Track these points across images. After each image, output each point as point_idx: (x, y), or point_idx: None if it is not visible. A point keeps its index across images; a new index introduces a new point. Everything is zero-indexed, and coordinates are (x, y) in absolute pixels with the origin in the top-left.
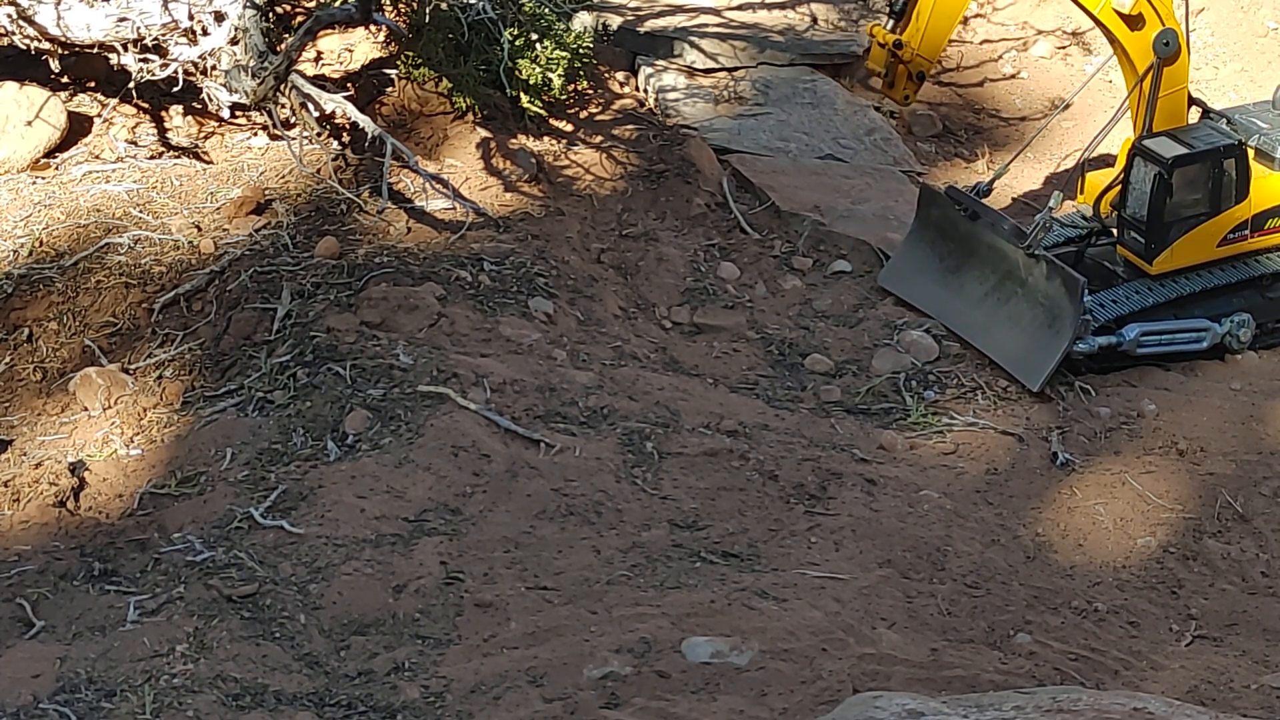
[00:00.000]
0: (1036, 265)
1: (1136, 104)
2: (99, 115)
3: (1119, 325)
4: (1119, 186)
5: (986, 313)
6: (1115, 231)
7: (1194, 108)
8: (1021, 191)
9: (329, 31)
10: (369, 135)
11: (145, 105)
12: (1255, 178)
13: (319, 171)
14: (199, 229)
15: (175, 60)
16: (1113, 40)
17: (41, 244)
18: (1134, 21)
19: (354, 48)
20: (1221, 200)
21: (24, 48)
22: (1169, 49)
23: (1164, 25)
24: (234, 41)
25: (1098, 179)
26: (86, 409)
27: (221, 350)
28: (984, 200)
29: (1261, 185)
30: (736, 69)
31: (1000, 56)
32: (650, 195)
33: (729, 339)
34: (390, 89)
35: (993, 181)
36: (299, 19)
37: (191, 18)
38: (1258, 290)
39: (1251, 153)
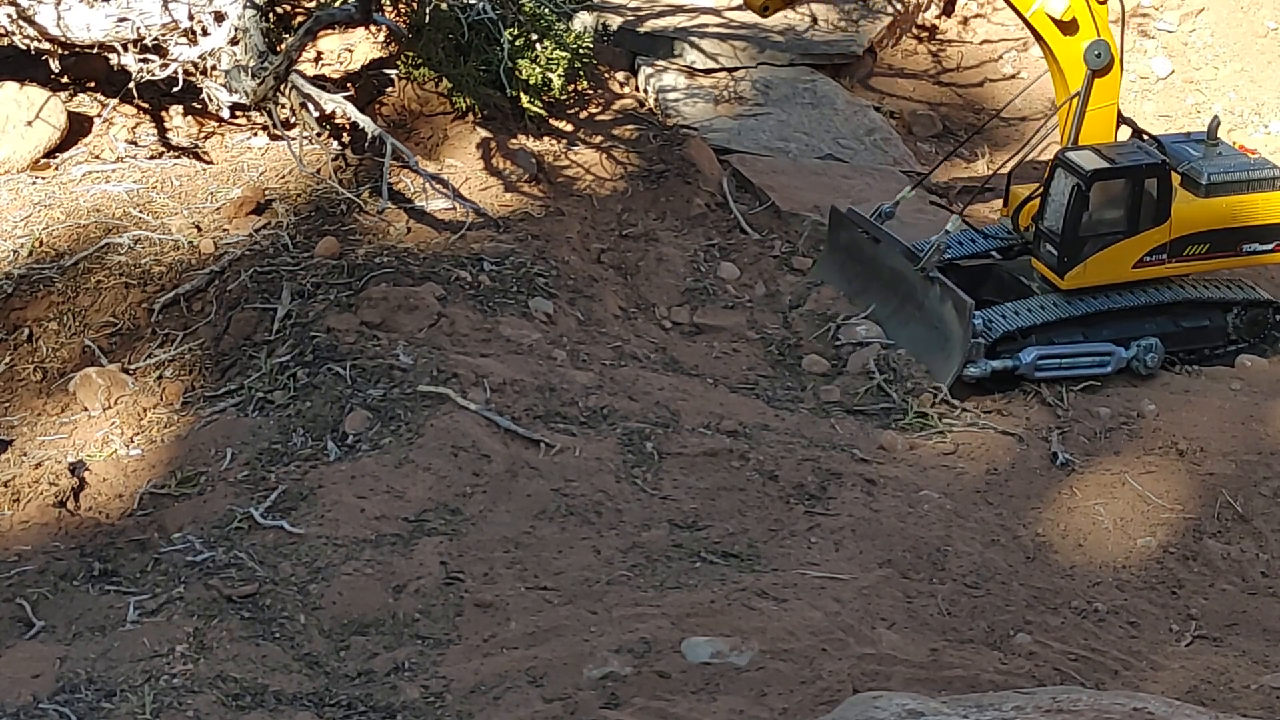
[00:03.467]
0: (931, 288)
1: (1065, 115)
2: (99, 115)
3: (1023, 337)
4: (1040, 198)
5: (891, 335)
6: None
7: (1127, 128)
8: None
9: (329, 31)
10: (369, 135)
11: (145, 105)
12: (1179, 202)
13: (319, 171)
14: (199, 229)
15: (175, 60)
16: (1043, 45)
17: (41, 244)
18: (1067, 27)
19: (354, 48)
20: (1140, 220)
21: (24, 48)
22: (1101, 60)
23: (1098, 35)
24: (234, 41)
25: (1022, 191)
26: (86, 409)
27: (221, 350)
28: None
29: (1184, 210)
30: (736, 69)
31: (1000, 56)
32: (650, 195)
33: (729, 339)
34: (390, 89)
35: (896, 204)
36: (299, 19)
37: (191, 18)
38: (1172, 317)
39: (1178, 178)
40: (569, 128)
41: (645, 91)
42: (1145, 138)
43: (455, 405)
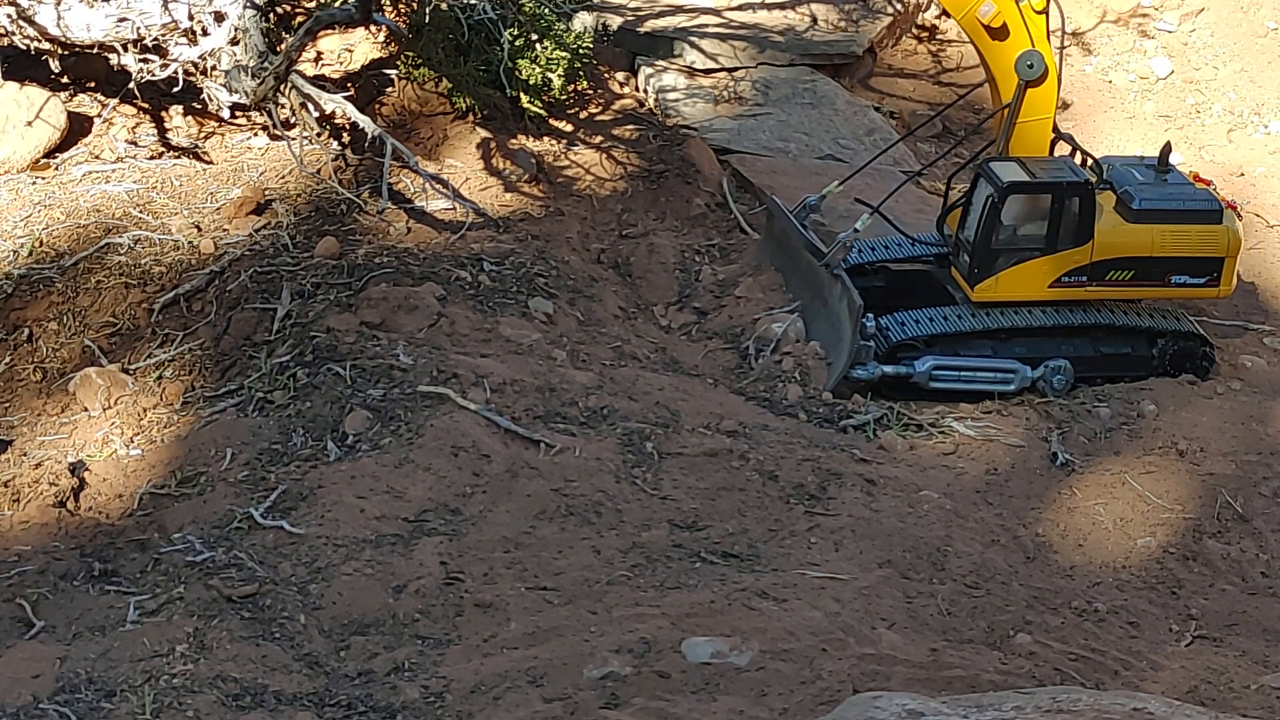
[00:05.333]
0: (835, 284)
1: (1000, 124)
2: (99, 115)
3: (928, 345)
4: (963, 206)
5: (809, 329)
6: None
7: (1072, 148)
8: None
9: (329, 31)
10: (369, 135)
11: (145, 105)
12: (1105, 225)
13: (319, 171)
14: (199, 229)
15: (175, 60)
16: (976, 49)
17: (41, 244)
18: (997, 33)
19: (354, 48)
20: (1059, 239)
21: (24, 48)
22: (1032, 71)
23: (1033, 46)
24: (234, 42)
25: (954, 197)
26: (86, 409)
27: (221, 350)
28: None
29: (1109, 234)
30: (736, 69)
31: None
32: (650, 195)
33: (724, 340)
34: (390, 89)
35: (822, 197)
36: (299, 19)
37: (191, 18)
38: (1092, 341)
39: (1114, 200)
40: (569, 128)
41: (645, 91)
42: (1091, 162)
43: (455, 405)
